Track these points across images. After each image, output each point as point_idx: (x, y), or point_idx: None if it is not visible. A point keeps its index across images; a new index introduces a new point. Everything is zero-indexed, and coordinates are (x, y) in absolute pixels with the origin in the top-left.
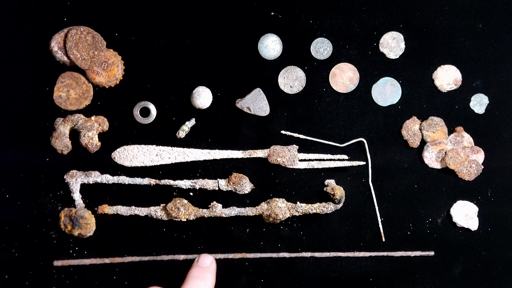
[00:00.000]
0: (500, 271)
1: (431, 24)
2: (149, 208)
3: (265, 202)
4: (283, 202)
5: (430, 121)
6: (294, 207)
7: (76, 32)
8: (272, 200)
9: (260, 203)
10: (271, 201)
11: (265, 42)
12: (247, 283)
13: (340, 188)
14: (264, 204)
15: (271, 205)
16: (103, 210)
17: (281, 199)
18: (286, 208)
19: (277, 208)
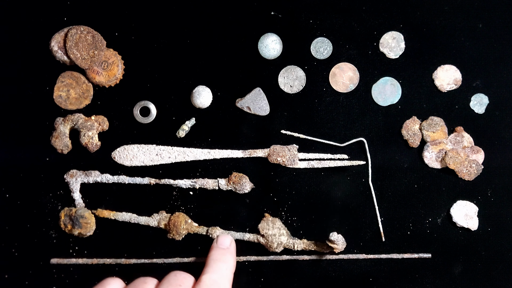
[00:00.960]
0: (500, 271)
1: (431, 24)
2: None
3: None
4: (284, 236)
5: (430, 121)
6: (292, 242)
7: (76, 31)
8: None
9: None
10: (272, 235)
11: (265, 41)
12: (247, 283)
13: (341, 249)
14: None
15: (270, 238)
16: (102, 214)
17: (282, 233)
18: (285, 243)
19: (274, 243)
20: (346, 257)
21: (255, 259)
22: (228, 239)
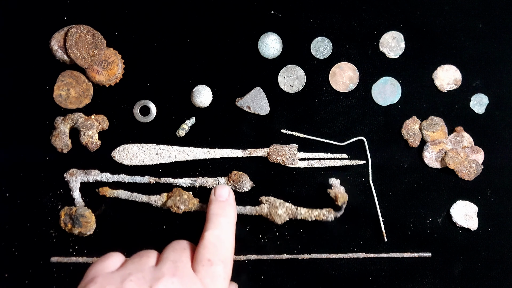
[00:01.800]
0: (500, 271)
1: (431, 24)
2: (149, 197)
3: (266, 201)
4: (283, 207)
5: (430, 120)
6: (294, 213)
7: (76, 30)
8: (272, 204)
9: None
10: (271, 206)
11: (265, 41)
12: (247, 281)
13: (344, 195)
14: (265, 206)
15: (271, 210)
16: (104, 193)
17: (281, 203)
18: (285, 215)
19: (276, 216)
20: (346, 256)
21: (255, 258)
22: (226, 190)
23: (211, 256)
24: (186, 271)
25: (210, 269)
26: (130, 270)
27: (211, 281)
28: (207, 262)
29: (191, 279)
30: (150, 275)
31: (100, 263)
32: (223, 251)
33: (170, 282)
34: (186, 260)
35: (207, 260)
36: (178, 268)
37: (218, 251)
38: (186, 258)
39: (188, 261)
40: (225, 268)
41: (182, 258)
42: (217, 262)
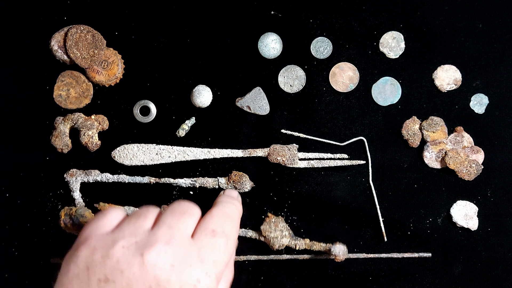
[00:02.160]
0: (500, 271)
1: (431, 24)
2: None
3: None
4: (287, 238)
5: (430, 121)
6: (294, 243)
7: (76, 31)
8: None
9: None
10: (274, 237)
11: (265, 41)
12: (247, 282)
13: (342, 259)
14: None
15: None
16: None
17: (284, 235)
18: (287, 244)
19: (276, 244)
20: (346, 256)
21: (255, 258)
22: (235, 192)
23: (216, 227)
24: (182, 239)
25: (212, 239)
26: (124, 233)
27: (210, 251)
28: (210, 232)
29: (187, 249)
30: (143, 240)
31: (96, 221)
32: (228, 226)
33: (163, 250)
34: (184, 226)
35: (210, 230)
36: (174, 235)
37: (224, 224)
38: (183, 224)
39: (186, 227)
40: (228, 243)
41: (180, 224)
42: (221, 234)
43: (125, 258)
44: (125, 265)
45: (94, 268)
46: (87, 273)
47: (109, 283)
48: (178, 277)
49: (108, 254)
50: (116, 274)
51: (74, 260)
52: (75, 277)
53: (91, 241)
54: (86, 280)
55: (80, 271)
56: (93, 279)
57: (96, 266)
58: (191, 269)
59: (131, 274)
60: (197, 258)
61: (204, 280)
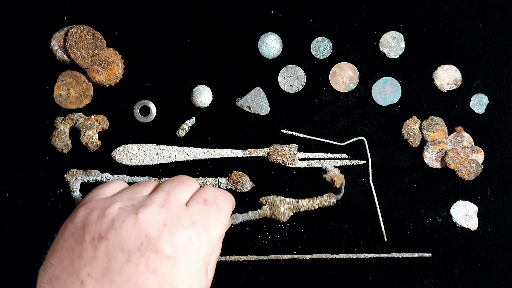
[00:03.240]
0: (500, 271)
1: (431, 24)
2: None
3: (266, 202)
4: (284, 204)
5: (430, 120)
6: (296, 207)
7: (76, 30)
8: (273, 204)
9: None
10: (273, 206)
11: (265, 41)
12: (247, 282)
13: (340, 176)
14: (267, 208)
15: (273, 210)
16: None
17: (281, 200)
18: (288, 211)
19: (280, 214)
20: (346, 256)
21: (255, 258)
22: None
23: (207, 198)
24: (177, 204)
25: (203, 207)
26: (122, 197)
27: (201, 218)
28: (202, 201)
29: (180, 213)
30: (140, 203)
31: (98, 189)
32: (220, 199)
33: (157, 212)
34: (180, 193)
35: (202, 199)
36: (170, 199)
37: (216, 197)
38: (180, 191)
39: (183, 195)
40: (219, 213)
41: (176, 190)
42: (212, 203)
43: (120, 217)
44: (119, 223)
45: (89, 227)
46: (82, 232)
47: (102, 240)
48: (169, 235)
49: (104, 213)
50: (110, 232)
51: (72, 220)
52: (71, 236)
53: (90, 204)
54: (80, 238)
55: (76, 230)
56: (87, 237)
57: (92, 225)
58: (182, 229)
59: (124, 231)
60: (189, 221)
61: (195, 241)
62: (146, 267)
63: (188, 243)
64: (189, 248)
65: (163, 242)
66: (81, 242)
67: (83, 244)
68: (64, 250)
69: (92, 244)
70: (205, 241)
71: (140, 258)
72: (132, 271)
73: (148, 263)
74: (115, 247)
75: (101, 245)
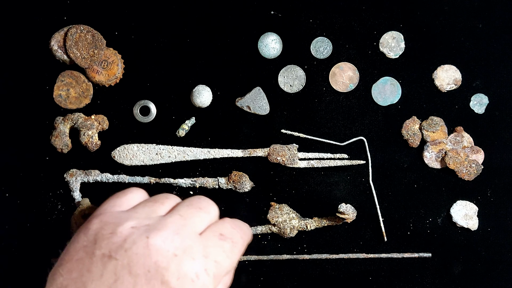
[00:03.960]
0: (500, 271)
1: (431, 24)
2: None
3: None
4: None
5: (430, 121)
6: (304, 228)
7: (76, 30)
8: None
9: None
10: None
11: (265, 41)
12: (247, 282)
13: (353, 216)
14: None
15: (282, 225)
16: None
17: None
18: (295, 230)
19: (287, 229)
20: (346, 256)
21: (255, 258)
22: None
23: (225, 232)
24: (192, 232)
25: (219, 241)
26: (137, 214)
27: (215, 252)
28: (219, 234)
29: (193, 243)
30: (153, 224)
31: (115, 198)
32: (237, 236)
33: (170, 238)
34: (198, 220)
35: (219, 233)
36: (185, 226)
37: (234, 233)
38: (197, 218)
39: (200, 223)
40: (233, 250)
41: (194, 218)
42: (229, 239)
43: (132, 238)
44: (130, 244)
45: (101, 243)
46: (93, 246)
47: (111, 259)
48: (178, 267)
49: (116, 231)
50: (119, 252)
51: (85, 232)
52: (82, 248)
53: (104, 216)
54: (91, 253)
55: (88, 243)
56: (97, 253)
57: (103, 241)
58: (193, 262)
59: (134, 254)
60: (201, 254)
61: (203, 277)
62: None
63: (195, 279)
64: (196, 284)
65: (170, 274)
66: (91, 256)
67: (93, 259)
68: (74, 261)
69: (102, 261)
70: (211, 276)
71: (145, 285)
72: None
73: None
74: (123, 269)
75: (110, 264)
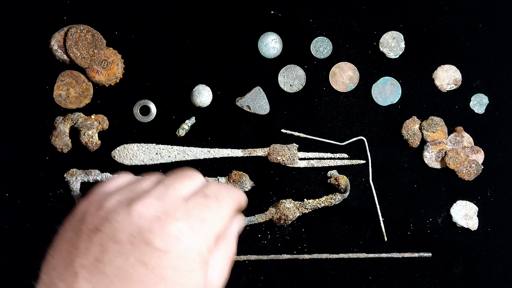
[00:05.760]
0: (500, 271)
1: (431, 24)
2: None
3: (272, 206)
4: (290, 203)
5: (430, 121)
6: (302, 205)
7: (76, 30)
8: (279, 202)
9: (268, 208)
10: (279, 204)
11: (265, 40)
12: (247, 282)
13: (344, 177)
14: (272, 208)
15: (279, 208)
16: None
17: (287, 199)
18: (294, 208)
19: (285, 209)
20: (346, 256)
21: (255, 258)
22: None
23: (209, 192)
24: (175, 197)
25: (202, 200)
26: (123, 191)
27: (199, 210)
28: (204, 195)
29: (176, 205)
30: (137, 196)
31: (103, 184)
32: (223, 193)
33: (152, 204)
34: (180, 186)
35: (203, 193)
36: (167, 193)
37: (219, 192)
38: (180, 184)
39: (182, 188)
40: (220, 207)
41: (176, 184)
42: (213, 197)
43: (115, 209)
44: (114, 215)
45: (87, 219)
46: (80, 224)
47: (97, 232)
48: (160, 228)
49: (102, 206)
50: (104, 224)
51: (73, 214)
52: (70, 228)
53: (91, 197)
54: (78, 230)
55: (75, 222)
56: (84, 229)
57: (90, 217)
58: (175, 221)
59: (117, 223)
60: (184, 213)
61: (188, 234)
62: (137, 260)
63: (179, 235)
64: (181, 241)
65: (153, 235)
66: (79, 233)
67: (80, 236)
68: (63, 242)
69: (88, 235)
70: (199, 234)
71: (131, 250)
72: (123, 263)
73: (138, 255)
74: (108, 239)
75: (96, 236)
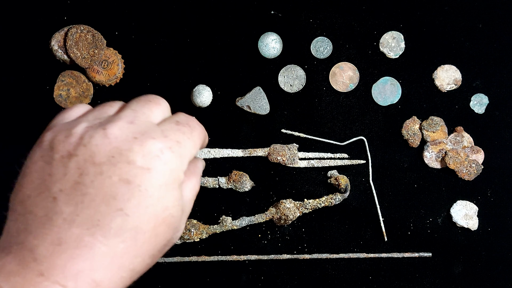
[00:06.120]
0: (500, 271)
1: (431, 24)
2: None
3: (272, 206)
4: (290, 202)
5: (430, 120)
6: (303, 205)
7: (76, 30)
8: (279, 202)
9: (268, 208)
10: (279, 204)
11: (265, 40)
12: (247, 282)
13: (344, 177)
14: (272, 208)
15: (280, 208)
16: None
17: (287, 199)
18: (295, 208)
19: (286, 209)
20: (347, 256)
21: (255, 258)
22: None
23: (181, 120)
24: (146, 121)
25: (175, 126)
26: (88, 117)
27: (173, 133)
28: (175, 122)
29: (150, 127)
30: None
31: (61, 113)
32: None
33: (126, 126)
34: (149, 112)
35: (174, 121)
36: (138, 116)
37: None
38: (148, 110)
39: (152, 114)
40: (192, 133)
41: (144, 109)
42: (185, 124)
43: (88, 133)
44: (87, 139)
45: (57, 147)
46: (51, 153)
47: (71, 157)
48: (140, 146)
49: (71, 133)
50: (79, 148)
51: (39, 145)
52: (39, 159)
53: (55, 128)
54: (49, 159)
55: (44, 152)
56: (56, 157)
57: (60, 145)
58: (154, 141)
59: (93, 146)
60: (160, 134)
61: (168, 153)
62: (119, 178)
63: (160, 154)
64: (162, 159)
65: (134, 153)
66: (51, 161)
67: (52, 164)
68: (34, 172)
69: (62, 162)
70: (177, 154)
71: (112, 170)
72: (105, 182)
73: (121, 174)
74: (86, 162)
75: (71, 161)
